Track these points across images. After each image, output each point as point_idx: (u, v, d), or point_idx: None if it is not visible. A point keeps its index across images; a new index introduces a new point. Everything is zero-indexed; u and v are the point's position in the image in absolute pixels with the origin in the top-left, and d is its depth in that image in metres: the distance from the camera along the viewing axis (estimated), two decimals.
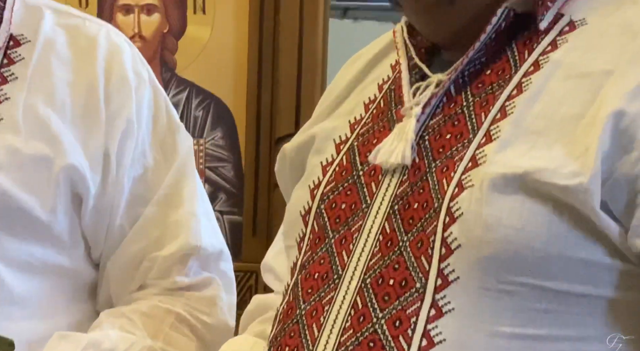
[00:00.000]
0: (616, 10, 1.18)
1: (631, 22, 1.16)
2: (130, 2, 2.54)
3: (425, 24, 1.25)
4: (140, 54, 1.58)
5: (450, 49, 1.25)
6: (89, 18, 1.55)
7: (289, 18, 2.50)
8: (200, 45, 2.55)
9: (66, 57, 1.49)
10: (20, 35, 1.47)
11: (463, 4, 1.19)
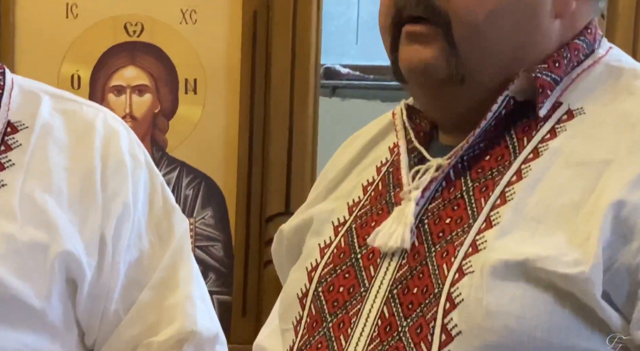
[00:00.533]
0: (613, 101, 1.20)
1: (629, 113, 1.17)
2: (122, 83, 2.56)
3: (432, 102, 1.26)
4: (136, 137, 1.59)
5: (450, 131, 1.26)
6: (86, 103, 1.56)
7: (280, 97, 2.52)
8: (191, 125, 2.56)
9: (63, 142, 1.50)
10: (18, 122, 1.48)
11: (473, 84, 1.21)
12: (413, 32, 1.21)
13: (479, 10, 1.18)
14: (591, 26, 1.25)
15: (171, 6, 2.54)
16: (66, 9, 2.52)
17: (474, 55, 1.19)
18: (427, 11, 1.20)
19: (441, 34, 1.19)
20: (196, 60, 2.55)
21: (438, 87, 1.22)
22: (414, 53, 1.21)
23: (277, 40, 2.51)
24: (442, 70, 1.20)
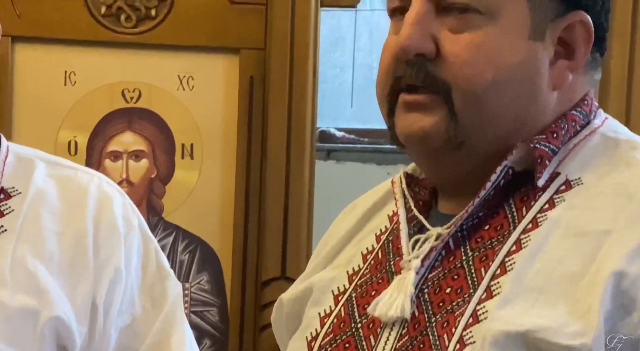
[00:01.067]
0: (611, 172, 1.21)
1: (626, 184, 1.19)
2: (119, 148, 2.57)
3: (430, 167, 1.27)
4: (131, 201, 1.60)
5: (449, 196, 1.27)
6: (81, 168, 1.57)
7: (276, 161, 2.53)
8: (187, 190, 2.57)
9: (56, 208, 1.51)
10: (12, 188, 1.49)
11: (471, 150, 1.22)
12: (411, 101, 1.22)
13: (479, 81, 1.20)
14: (587, 97, 1.27)
15: (168, 72, 2.56)
16: (65, 76, 2.54)
17: (474, 123, 1.21)
18: (426, 81, 1.21)
19: (441, 102, 1.21)
20: (193, 125, 2.57)
21: (436, 153, 1.24)
22: (413, 121, 1.22)
23: (274, 105, 2.53)
24: (441, 136, 1.21)
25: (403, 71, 1.22)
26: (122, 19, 2.55)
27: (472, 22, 1.20)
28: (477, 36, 1.20)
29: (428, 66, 1.21)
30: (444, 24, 1.21)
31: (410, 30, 1.20)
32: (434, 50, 1.21)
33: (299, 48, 2.52)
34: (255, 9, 2.53)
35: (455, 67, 1.20)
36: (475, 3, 1.20)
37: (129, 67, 2.55)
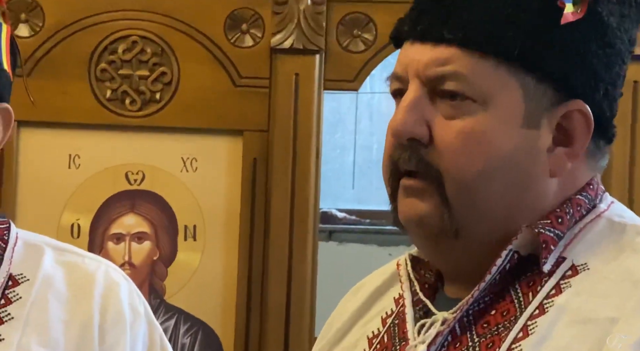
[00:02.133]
0: (617, 257, 1.21)
1: (632, 270, 1.18)
2: (122, 230, 2.57)
3: (430, 252, 1.27)
4: (137, 289, 1.60)
5: (454, 281, 1.27)
6: (88, 255, 1.57)
7: (279, 243, 2.53)
8: (189, 272, 2.57)
9: (63, 295, 1.51)
10: (20, 275, 1.49)
11: (468, 238, 1.22)
12: (408, 186, 1.23)
13: (469, 169, 1.20)
14: (593, 182, 1.27)
15: (172, 154, 2.57)
16: (69, 159, 2.55)
17: (466, 212, 1.21)
18: (419, 165, 1.22)
19: (434, 190, 1.21)
20: (196, 207, 2.57)
21: (434, 240, 1.24)
22: (410, 206, 1.23)
23: (276, 187, 2.53)
24: (436, 224, 1.22)
25: (398, 155, 1.23)
26: (127, 103, 2.57)
27: (464, 108, 1.21)
28: (468, 123, 1.20)
29: (421, 151, 1.22)
30: (438, 109, 1.22)
31: (403, 115, 1.21)
32: (427, 135, 1.22)
33: (302, 130, 2.53)
34: (259, 91, 2.55)
35: (445, 155, 1.21)
36: (467, 90, 1.20)
37: (133, 149, 2.56)
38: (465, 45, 1.21)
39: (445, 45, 1.21)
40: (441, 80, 1.21)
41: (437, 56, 1.21)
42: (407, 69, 1.24)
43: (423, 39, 1.23)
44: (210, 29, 2.56)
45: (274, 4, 2.53)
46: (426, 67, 1.22)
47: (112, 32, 2.57)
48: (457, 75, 1.20)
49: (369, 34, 2.55)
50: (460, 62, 1.20)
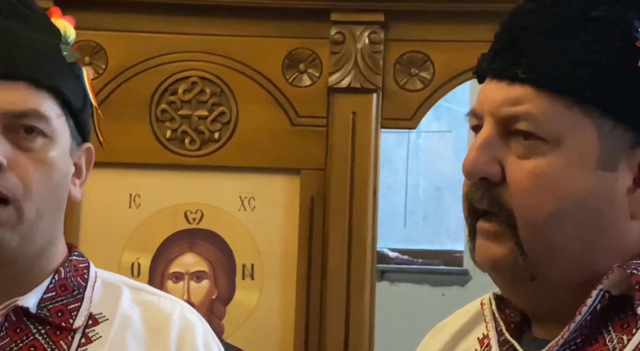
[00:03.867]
0: None
1: None
2: (181, 269, 2.54)
3: (511, 295, 1.23)
4: (211, 329, 1.56)
5: (541, 322, 1.22)
6: (164, 295, 1.54)
7: (336, 283, 2.48)
8: (247, 311, 2.52)
9: (140, 334, 1.47)
10: (99, 314, 1.46)
11: (545, 280, 1.17)
12: (483, 229, 1.20)
13: (540, 211, 1.16)
14: None
15: (230, 193, 2.54)
16: (129, 198, 2.53)
17: (541, 254, 1.17)
18: (492, 205, 1.18)
19: (509, 233, 1.17)
20: (254, 246, 2.53)
21: (512, 283, 1.20)
22: (485, 249, 1.20)
23: (334, 226, 2.49)
24: (510, 268, 1.18)
25: (472, 193, 1.20)
26: (187, 142, 2.55)
27: (536, 149, 1.17)
28: (539, 164, 1.16)
29: (493, 190, 1.18)
30: (511, 148, 1.18)
31: (475, 154, 1.18)
32: (499, 174, 1.18)
33: (359, 169, 2.49)
34: (316, 130, 2.52)
35: (517, 195, 1.17)
36: (539, 131, 1.16)
37: (192, 188, 2.54)
38: (539, 85, 1.17)
39: (519, 84, 1.18)
40: (514, 120, 1.18)
41: (510, 95, 1.18)
42: (483, 107, 1.21)
43: (498, 77, 1.20)
44: (268, 69, 2.53)
45: (331, 44, 2.50)
46: (500, 106, 1.19)
47: (172, 73, 2.55)
48: (529, 116, 1.17)
49: (426, 72, 2.51)
50: (533, 102, 1.17)
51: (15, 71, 1.37)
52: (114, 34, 2.53)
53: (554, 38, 1.18)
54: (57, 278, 1.42)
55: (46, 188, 1.37)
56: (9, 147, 1.34)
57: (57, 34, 1.44)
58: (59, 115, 1.40)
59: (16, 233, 1.35)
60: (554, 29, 1.18)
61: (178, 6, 2.53)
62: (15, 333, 1.39)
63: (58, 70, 1.41)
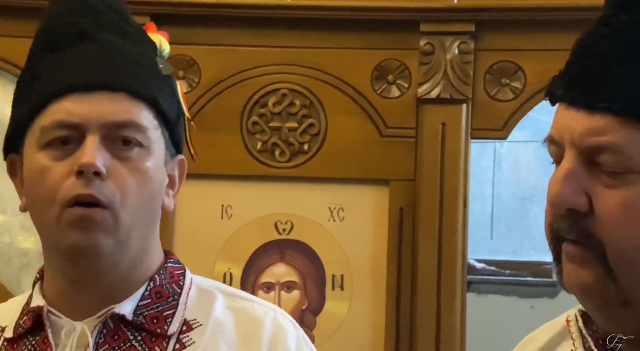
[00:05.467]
0: None
1: None
2: (271, 279, 2.51)
3: (601, 320, 1.18)
4: (305, 335, 1.52)
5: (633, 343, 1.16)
6: (257, 301, 1.52)
7: (426, 294, 2.43)
8: (337, 321, 2.49)
9: (232, 340, 1.45)
10: (193, 320, 1.44)
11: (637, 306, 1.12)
12: (569, 252, 1.15)
13: (632, 242, 1.11)
14: None
15: (319, 204, 2.51)
16: (221, 210, 2.51)
17: (633, 282, 1.12)
18: (580, 236, 1.14)
19: (597, 259, 1.12)
20: (343, 256, 2.50)
21: (603, 308, 1.15)
22: (573, 274, 1.15)
23: (424, 237, 2.44)
24: (601, 294, 1.13)
25: (558, 225, 1.15)
26: (277, 154, 2.53)
27: (624, 179, 1.12)
28: (629, 194, 1.12)
29: (581, 221, 1.13)
30: (596, 177, 1.13)
31: (560, 187, 1.13)
32: (586, 205, 1.13)
33: (449, 179, 2.44)
34: (405, 141, 2.48)
35: (607, 226, 1.12)
36: (625, 161, 1.12)
37: (282, 199, 2.51)
38: (621, 113, 1.12)
39: (599, 113, 1.12)
40: (597, 151, 1.13)
41: (591, 125, 1.13)
42: (562, 135, 1.15)
43: (576, 106, 1.14)
44: (357, 81, 2.50)
45: (420, 55, 2.46)
46: (581, 136, 1.13)
47: (263, 86, 2.52)
48: (613, 146, 1.12)
49: (517, 82, 2.45)
50: (617, 132, 1.12)
51: (114, 82, 1.37)
52: (207, 48, 2.52)
53: (633, 64, 1.12)
54: (153, 285, 1.41)
55: (141, 197, 1.36)
56: (107, 156, 1.34)
57: (153, 48, 1.44)
58: (155, 126, 1.39)
59: (112, 237, 1.34)
60: (631, 54, 1.13)
61: (268, 20, 2.51)
62: (113, 340, 1.38)
63: (154, 82, 1.41)
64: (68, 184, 1.32)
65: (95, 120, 1.33)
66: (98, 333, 1.37)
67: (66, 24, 1.38)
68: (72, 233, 1.32)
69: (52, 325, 1.38)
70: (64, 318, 1.37)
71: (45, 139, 1.34)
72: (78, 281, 1.37)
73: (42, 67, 1.38)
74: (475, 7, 2.42)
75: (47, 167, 1.33)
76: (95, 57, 1.36)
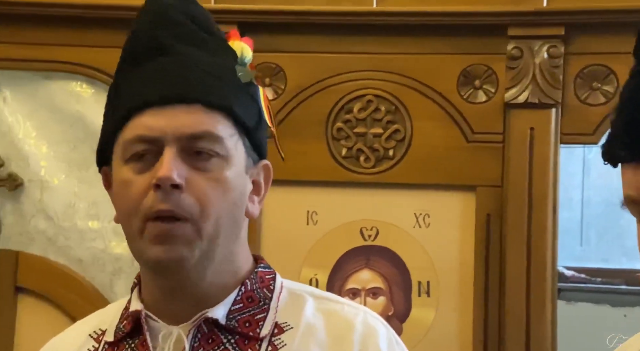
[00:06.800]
0: None
1: None
2: (357, 286, 2.46)
3: None
4: (397, 336, 1.49)
5: None
6: (347, 303, 1.49)
7: (515, 302, 2.35)
8: (424, 328, 2.42)
9: (324, 342, 1.43)
10: (284, 323, 1.43)
11: None
12: None
13: None
14: None
15: (405, 210, 2.45)
16: (307, 216, 2.47)
17: None
18: None
19: None
20: (429, 263, 2.44)
21: None
22: None
23: (511, 244, 2.36)
24: None
25: None
26: (362, 160, 2.48)
27: None
28: None
29: None
30: None
31: None
32: None
33: (538, 185, 2.36)
34: (492, 146, 2.41)
35: None
36: None
37: (367, 206, 2.46)
38: None
39: None
40: None
41: None
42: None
43: None
44: (442, 86, 2.44)
45: (508, 59, 2.39)
46: None
47: (348, 92, 2.47)
48: None
49: (609, 85, 2.36)
50: None
51: (188, 94, 1.36)
52: (293, 56, 2.48)
53: None
54: (244, 290, 1.41)
55: (222, 207, 1.35)
56: (185, 167, 1.34)
57: (233, 56, 1.43)
58: (232, 134, 1.38)
59: (196, 249, 1.34)
60: None
61: (353, 26, 2.46)
62: (208, 344, 1.38)
63: (231, 90, 1.39)
64: (149, 198, 1.32)
65: (172, 133, 1.33)
66: (193, 337, 1.37)
67: (146, 38, 1.39)
68: (155, 248, 1.33)
69: (149, 328, 1.38)
70: (160, 322, 1.38)
71: (127, 153, 1.35)
72: (168, 290, 1.38)
73: (124, 82, 1.39)
74: (566, 10, 2.33)
75: (130, 181, 1.34)
76: (170, 71, 1.37)
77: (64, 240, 2.60)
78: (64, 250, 2.60)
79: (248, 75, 1.42)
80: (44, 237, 2.61)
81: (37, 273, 2.59)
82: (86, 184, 2.57)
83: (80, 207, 2.58)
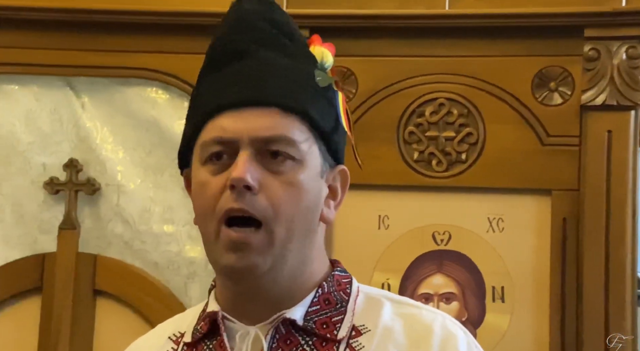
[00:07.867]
0: None
1: None
2: (430, 291, 2.30)
3: None
4: (476, 342, 1.39)
5: None
6: (425, 307, 1.41)
7: (594, 308, 2.15)
8: (498, 334, 2.24)
9: (402, 345, 1.35)
10: (362, 326, 1.35)
11: None
12: None
13: None
14: None
15: (478, 214, 2.28)
16: (378, 220, 2.32)
17: None
18: None
19: None
20: (503, 268, 2.25)
21: None
22: None
23: (589, 249, 2.17)
24: None
25: None
26: (434, 164, 2.31)
27: None
28: None
29: None
30: None
31: None
32: None
33: (616, 189, 2.17)
34: (568, 150, 2.22)
35: None
36: None
37: (439, 210, 2.30)
38: None
39: None
40: None
41: None
42: None
43: None
44: (517, 89, 2.26)
45: (584, 61, 2.20)
46: None
47: (420, 96, 2.33)
48: None
49: None
50: None
51: (264, 98, 1.31)
52: (363, 59, 2.34)
53: None
54: (321, 292, 1.34)
55: (295, 210, 1.29)
56: (259, 170, 1.28)
57: (313, 61, 1.37)
58: (307, 138, 1.31)
59: (269, 256, 1.28)
60: None
61: (424, 29, 2.31)
62: (286, 344, 1.32)
63: (308, 94, 1.33)
64: (223, 198, 1.27)
65: (247, 135, 1.29)
66: (271, 337, 1.31)
67: (226, 43, 1.35)
68: (228, 255, 1.28)
69: (227, 329, 1.33)
70: (237, 323, 1.33)
71: (205, 155, 1.31)
72: (241, 294, 1.32)
73: (204, 86, 1.36)
74: None
75: (207, 182, 1.30)
76: (248, 75, 1.33)
77: (140, 244, 2.50)
78: (140, 254, 2.50)
79: (326, 79, 1.36)
80: (120, 241, 2.51)
81: (114, 276, 2.48)
82: (161, 189, 2.46)
83: (156, 211, 2.47)
